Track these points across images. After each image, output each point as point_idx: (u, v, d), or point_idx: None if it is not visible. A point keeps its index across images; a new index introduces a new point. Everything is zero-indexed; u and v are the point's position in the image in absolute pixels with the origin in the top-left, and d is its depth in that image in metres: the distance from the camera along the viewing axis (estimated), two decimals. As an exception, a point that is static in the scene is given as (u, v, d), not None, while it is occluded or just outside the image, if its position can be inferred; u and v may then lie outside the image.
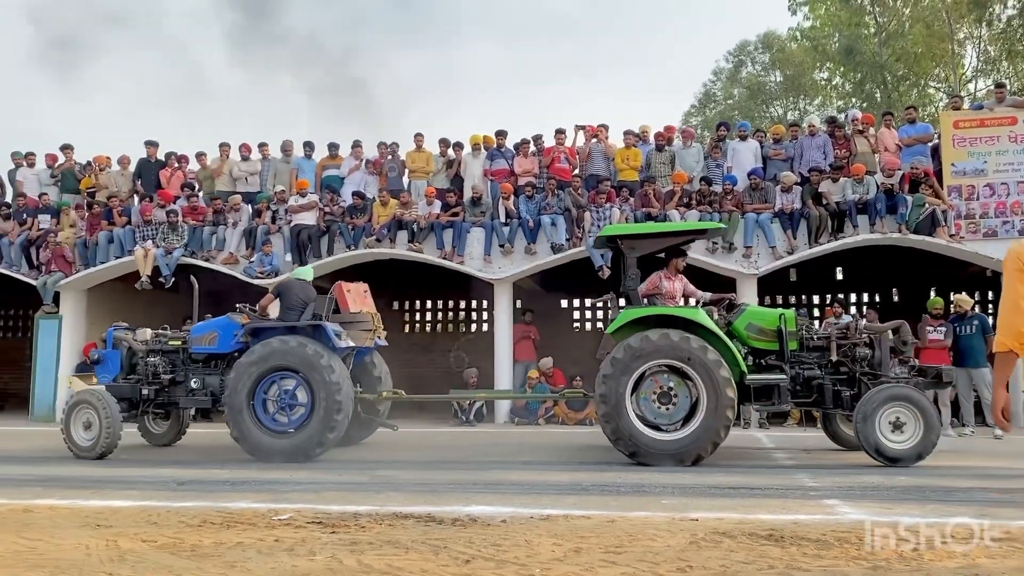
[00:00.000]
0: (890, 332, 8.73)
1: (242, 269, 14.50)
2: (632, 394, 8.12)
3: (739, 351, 8.30)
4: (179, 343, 9.66)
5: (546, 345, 15.36)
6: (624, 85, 63.83)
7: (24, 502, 6.02)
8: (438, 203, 14.35)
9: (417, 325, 20.36)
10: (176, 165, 15.77)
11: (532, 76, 67.09)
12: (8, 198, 16.27)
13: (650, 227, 10.69)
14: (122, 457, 9.15)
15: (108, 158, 16.10)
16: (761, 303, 15.06)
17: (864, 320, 8.93)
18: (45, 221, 15.38)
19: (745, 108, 33.98)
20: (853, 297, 18.62)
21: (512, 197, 14.18)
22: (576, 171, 14.50)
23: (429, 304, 20.33)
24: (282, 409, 8.79)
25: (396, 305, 19.90)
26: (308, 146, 15.70)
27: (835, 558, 4.22)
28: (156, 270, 14.26)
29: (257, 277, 14.32)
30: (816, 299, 18.74)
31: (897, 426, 7.92)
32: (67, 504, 5.97)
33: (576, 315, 19.58)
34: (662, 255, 9.27)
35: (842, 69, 32.11)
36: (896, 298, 18.38)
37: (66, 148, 16.24)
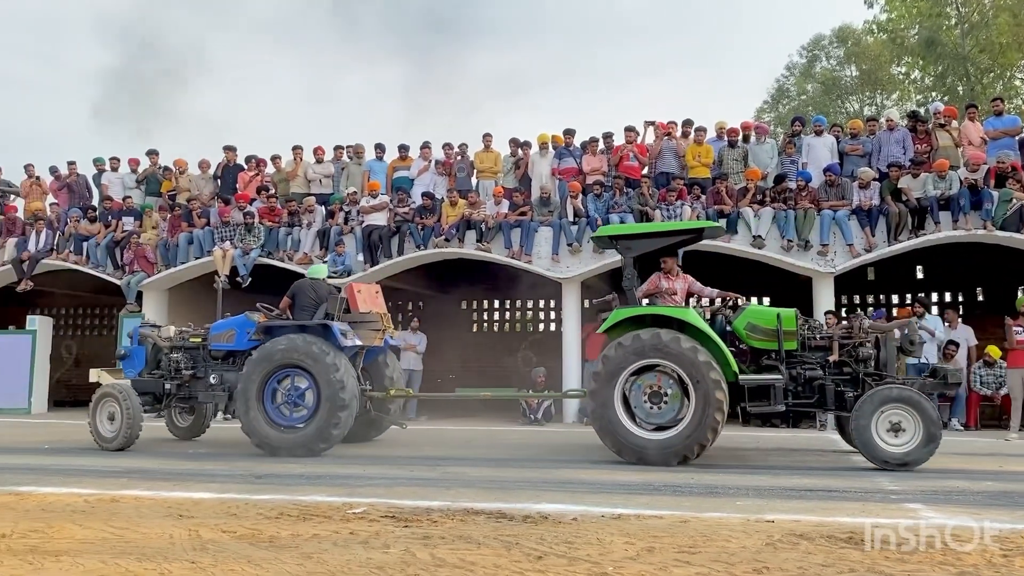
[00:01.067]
0: (896, 331, 8.42)
1: (315, 269, 14.82)
2: (624, 391, 8.06)
3: (731, 351, 8.16)
4: (199, 340, 10.04)
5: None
6: (694, 82, 63.06)
7: (111, 492, 6.25)
8: (506, 202, 14.41)
9: (485, 324, 20.48)
10: (255, 169, 16.19)
11: (602, 76, 66.78)
12: (94, 201, 16.98)
13: (644, 227, 10.60)
14: (201, 451, 9.45)
15: (187, 162, 16.66)
16: (838, 302, 14.68)
17: (868, 319, 8.63)
18: (129, 223, 16.00)
19: (819, 103, 33.12)
20: (935, 296, 17.97)
21: (580, 196, 14.13)
22: (645, 169, 14.37)
23: (497, 304, 20.42)
24: (289, 404, 9.07)
25: (464, 305, 20.05)
26: (379, 148, 15.93)
27: (919, 563, 4.08)
28: (234, 270, 14.66)
29: (331, 277, 14.58)
30: (895, 299, 18.15)
31: (895, 429, 7.55)
32: (151, 495, 6.17)
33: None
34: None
35: (922, 62, 31.03)
36: (981, 297, 17.69)
37: (151, 153, 16.83)
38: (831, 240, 12.97)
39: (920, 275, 17.60)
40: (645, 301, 8.74)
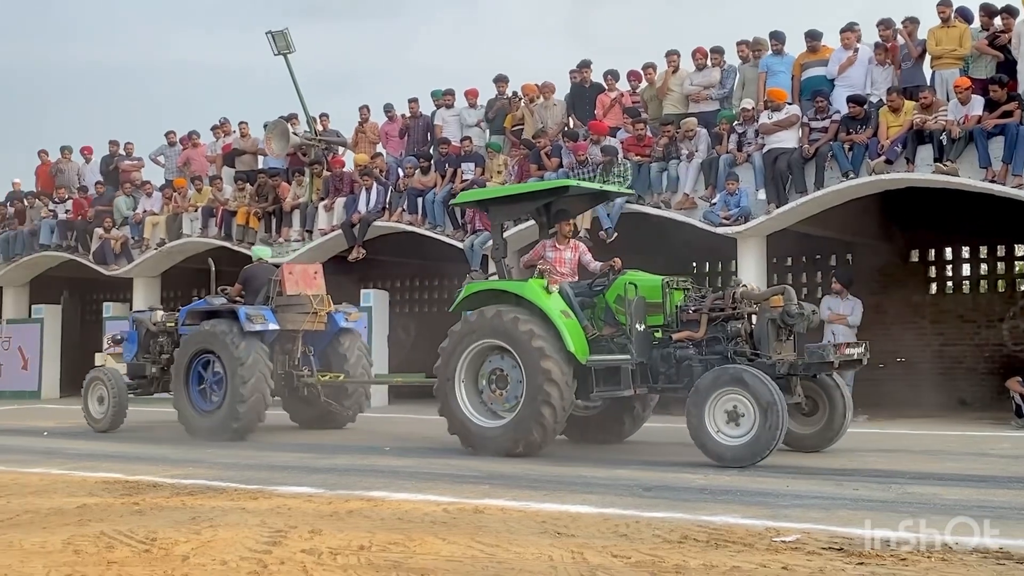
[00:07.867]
0: (771, 301, 9.16)
1: (700, 215, 14.90)
2: (463, 372, 9.68)
3: (580, 329, 9.43)
4: (172, 324, 13.15)
5: None
6: None
7: (473, 501, 6.98)
8: (979, 100, 13.35)
9: (949, 284, 19.31)
10: (616, 88, 16.67)
11: None
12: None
13: (499, 191, 12.22)
14: (566, 454, 10.08)
15: (537, 86, 17.34)
16: None
17: (741, 287, 9.52)
18: (469, 170, 17.16)
19: None
20: None
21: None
22: None
23: (966, 252, 19.11)
24: (211, 388, 11.90)
25: (915, 256, 19.08)
26: (776, 37, 15.45)
27: None
28: (595, 222, 15.27)
29: (721, 224, 14.63)
30: None
31: (734, 417, 8.28)
32: (519, 506, 6.80)
33: None
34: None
35: None
36: None
37: (499, 80, 17.81)
38: None
39: None
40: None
